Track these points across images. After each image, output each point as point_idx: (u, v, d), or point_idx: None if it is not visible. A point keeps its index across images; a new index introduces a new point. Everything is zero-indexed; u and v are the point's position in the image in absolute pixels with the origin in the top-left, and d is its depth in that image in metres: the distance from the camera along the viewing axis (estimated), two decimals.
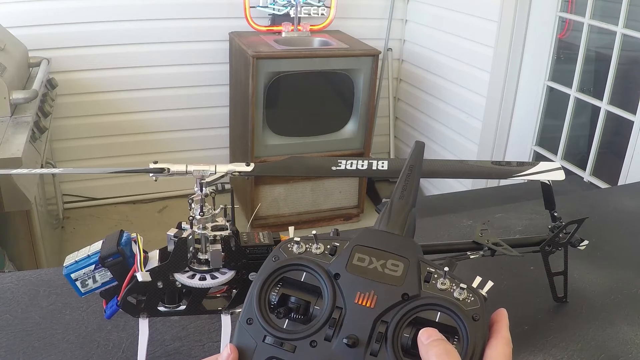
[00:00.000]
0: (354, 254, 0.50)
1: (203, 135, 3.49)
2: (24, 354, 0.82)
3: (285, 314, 0.49)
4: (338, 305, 0.47)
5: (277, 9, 3.22)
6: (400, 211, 0.52)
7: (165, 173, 0.71)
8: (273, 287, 0.50)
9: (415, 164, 0.54)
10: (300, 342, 0.47)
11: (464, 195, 2.52)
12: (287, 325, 0.48)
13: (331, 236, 0.54)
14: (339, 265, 0.49)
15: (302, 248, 0.52)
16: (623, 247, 1.22)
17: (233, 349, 0.47)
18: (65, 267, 0.72)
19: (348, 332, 0.46)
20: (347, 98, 3.17)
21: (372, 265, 0.49)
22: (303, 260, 0.50)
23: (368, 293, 0.47)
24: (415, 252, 0.50)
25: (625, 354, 0.88)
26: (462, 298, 0.47)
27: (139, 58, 3.17)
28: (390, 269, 0.49)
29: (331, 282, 0.49)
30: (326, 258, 0.50)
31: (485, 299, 0.48)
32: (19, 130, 2.00)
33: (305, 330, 0.47)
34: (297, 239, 0.52)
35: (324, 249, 0.51)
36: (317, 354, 0.46)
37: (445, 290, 0.48)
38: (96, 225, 3.22)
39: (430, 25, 3.39)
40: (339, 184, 3.33)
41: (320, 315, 0.48)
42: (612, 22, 2.38)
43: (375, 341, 0.46)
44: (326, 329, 0.47)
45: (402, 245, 0.50)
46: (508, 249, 0.86)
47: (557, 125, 2.76)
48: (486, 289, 0.48)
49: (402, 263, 0.49)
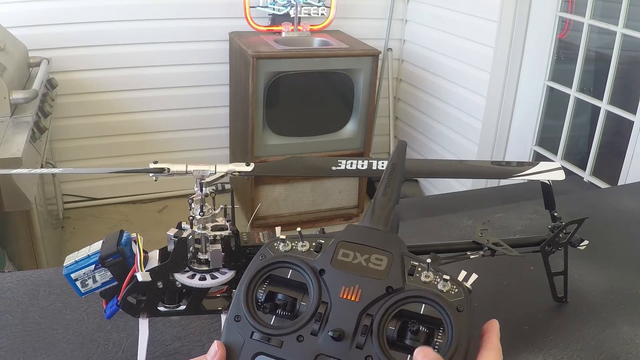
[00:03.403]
0: (339, 250, 0.51)
1: (203, 135, 3.49)
2: (24, 354, 0.82)
3: (271, 309, 0.49)
4: (324, 300, 0.48)
5: (277, 9, 3.22)
6: (383, 208, 0.53)
7: (165, 173, 0.71)
8: (260, 285, 0.51)
9: (398, 162, 0.55)
10: (287, 337, 0.47)
11: (464, 195, 2.52)
12: (274, 321, 0.49)
13: (317, 234, 0.55)
14: (324, 261, 0.50)
15: (288, 246, 0.52)
16: (623, 247, 1.22)
17: (220, 345, 0.48)
18: (65, 267, 0.72)
19: (334, 326, 0.47)
20: (347, 98, 3.17)
21: (357, 260, 0.50)
22: (289, 257, 0.51)
23: (353, 287, 0.48)
24: (398, 247, 0.50)
25: (625, 354, 0.88)
26: (446, 290, 0.48)
27: (139, 58, 3.17)
28: (374, 263, 0.49)
29: (316, 277, 0.49)
30: (311, 255, 0.51)
31: (469, 291, 0.48)
32: (19, 130, 2.00)
33: (291, 326, 0.48)
34: (283, 237, 0.53)
35: (310, 246, 0.52)
36: (303, 348, 0.47)
37: (429, 283, 0.48)
38: (96, 225, 3.22)
39: (430, 25, 3.39)
40: (339, 184, 3.33)
41: (307, 310, 0.48)
42: (612, 22, 2.38)
43: (360, 334, 0.46)
44: (312, 324, 0.47)
45: (386, 240, 0.51)
46: (508, 249, 0.86)
47: (557, 125, 2.76)
48: (470, 282, 0.49)
49: (385, 257, 0.50)
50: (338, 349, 0.46)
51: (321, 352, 0.46)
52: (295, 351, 0.47)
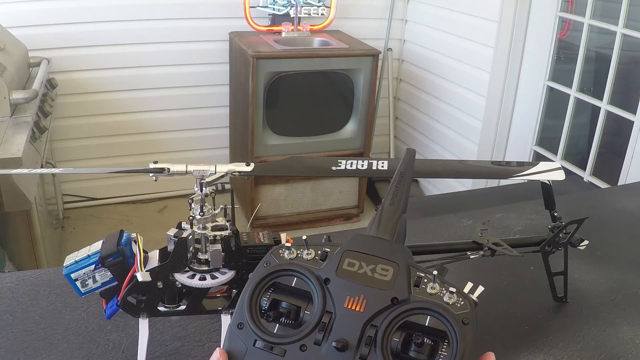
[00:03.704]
0: (344, 259, 0.50)
1: (203, 135, 3.49)
2: (24, 354, 0.82)
3: (275, 318, 0.49)
4: (328, 309, 0.48)
5: (277, 9, 3.22)
6: (390, 217, 0.53)
7: (165, 173, 0.71)
8: (264, 293, 0.50)
9: (406, 170, 0.55)
10: (290, 347, 0.47)
11: (464, 195, 2.52)
12: (277, 330, 0.49)
13: (322, 242, 0.54)
14: (329, 270, 0.50)
15: (293, 254, 0.52)
16: (623, 247, 1.22)
17: (222, 353, 0.48)
18: (65, 267, 0.72)
19: (337, 336, 0.46)
20: (347, 98, 3.17)
21: (362, 270, 0.49)
22: (294, 265, 0.51)
23: (358, 297, 0.48)
24: (405, 257, 0.50)
25: (625, 354, 0.88)
26: (452, 302, 0.47)
27: (139, 58, 3.17)
28: (380, 273, 0.49)
29: (321, 286, 0.49)
30: (317, 263, 0.51)
31: (475, 303, 0.48)
32: (19, 130, 2.00)
33: (295, 335, 0.47)
34: (288, 245, 0.52)
35: (315, 254, 0.52)
36: (306, 358, 0.46)
37: (435, 295, 0.48)
38: (96, 225, 3.22)
39: (430, 25, 3.39)
40: (339, 184, 3.33)
41: (310, 319, 0.48)
42: (612, 22, 2.38)
43: (364, 345, 0.46)
44: (316, 333, 0.47)
45: (392, 250, 0.50)
46: (508, 249, 0.86)
47: (557, 125, 2.76)
48: (477, 294, 0.49)
49: (391, 268, 0.49)
50: (341, 359, 0.46)
51: None
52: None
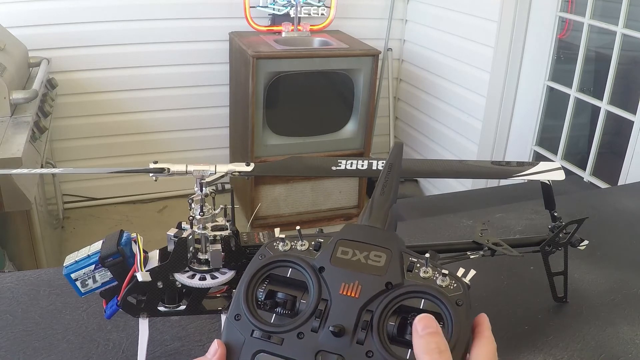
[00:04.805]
0: (338, 248, 0.51)
1: (203, 135, 3.49)
2: (24, 354, 0.82)
3: (271, 308, 0.50)
4: (323, 297, 0.48)
5: (277, 9, 3.22)
6: (381, 206, 0.54)
7: (165, 173, 0.71)
8: (260, 284, 0.51)
9: (395, 162, 0.56)
10: (288, 335, 0.48)
11: (464, 195, 2.52)
12: (274, 320, 0.49)
13: (316, 234, 0.55)
14: (324, 259, 0.50)
15: (288, 246, 0.53)
16: (623, 247, 1.22)
17: (220, 344, 0.48)
18: (65, 267, 0.72)
19: (334, 322, 0.47)
20: (347, 98, 3.17)
21: (356, 257, 0.50)
22: (288, 256, 0.52)
23: (352, 284, 0.48)
24: (397, 243, 0.51)
25: (625, 354, 0.88)
26: (445, 285, 0.48)
27: (139, 58, 3.17)
28: (373, 259, 0.50)
29: (316, 275, 0.50)
30: (311, 254, 0.52)
31: (468, 286, 0.49)
32: (19, 130, 2.00)
33: (292, 323, 0.48)
34: (282, 237, 0.53)
35: (309, 245, 0.53)
36: (304, 345, 0.47)
37: (428, 278, 0.49)
38: (96, 225, 3.22)
39: (430, 25, 3.39)
40: (339, 184, 3.33)
41: (307, 308, 0.48)
42: (612, 22, 2.38)
43: (361, 329, 0.46)
44: (312, 321, 0.48)
45: (384, 237, 0.51)
46: (508, 249, 0.86)
47: (557, 125, 2.76)
48: (469, 278, 0.49)
49: (384, 254, 0.50)
50: (338, 344, 0.46)
51: (322, 349, 0.46)
52: (296, 348, 0.47)
